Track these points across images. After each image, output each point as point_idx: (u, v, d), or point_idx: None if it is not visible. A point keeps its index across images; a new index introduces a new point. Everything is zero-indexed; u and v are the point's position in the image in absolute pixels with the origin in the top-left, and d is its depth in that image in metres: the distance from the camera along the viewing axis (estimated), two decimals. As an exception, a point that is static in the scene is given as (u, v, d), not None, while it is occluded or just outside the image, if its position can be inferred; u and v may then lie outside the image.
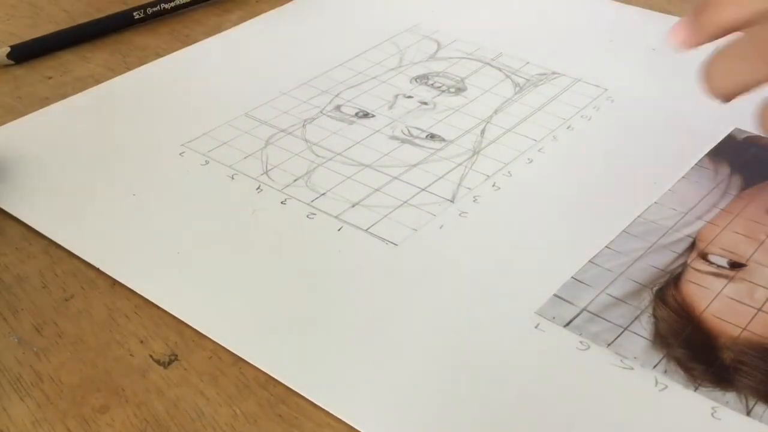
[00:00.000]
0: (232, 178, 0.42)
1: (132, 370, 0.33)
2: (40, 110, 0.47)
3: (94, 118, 0.47)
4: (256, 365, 0.32)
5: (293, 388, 0.31)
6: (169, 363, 0.33)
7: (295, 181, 0.41)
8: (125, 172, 0.42)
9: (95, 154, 0.44)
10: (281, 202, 0.40)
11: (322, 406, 0.31)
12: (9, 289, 0.36)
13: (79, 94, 0.49)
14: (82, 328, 0.34)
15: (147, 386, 0.32)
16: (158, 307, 0.35)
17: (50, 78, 0.51)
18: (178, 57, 0.53)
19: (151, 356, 0.33)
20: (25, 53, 0.53)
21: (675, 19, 0.54)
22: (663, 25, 0.53)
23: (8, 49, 0.51)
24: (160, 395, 0.31)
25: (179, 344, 0.33)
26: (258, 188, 0.41)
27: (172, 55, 0.53)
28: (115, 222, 0.39)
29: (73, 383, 0.32)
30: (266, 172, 0.42)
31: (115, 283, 0.36)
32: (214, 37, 0.55)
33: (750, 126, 0.44)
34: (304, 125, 0.46)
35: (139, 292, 0.35)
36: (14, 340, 0.34)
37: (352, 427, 0.30)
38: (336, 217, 0.39)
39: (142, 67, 0.51)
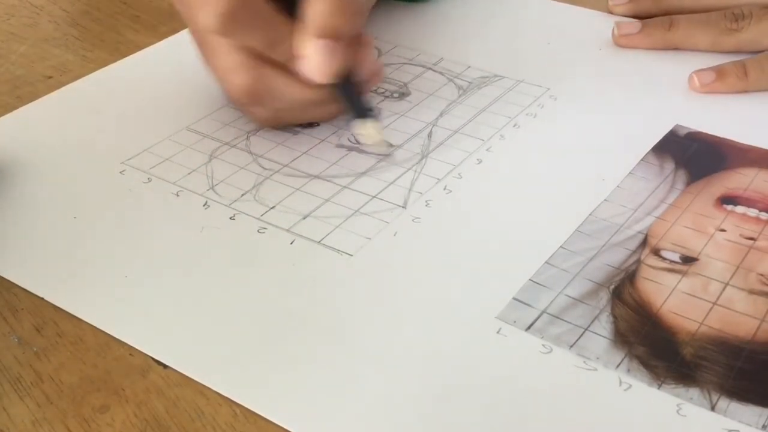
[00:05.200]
0: (177, 195, 0.40)
1: (132, 370, 0.32)
2: (-32, 132, 0.46)
3: (26, 138, 0.45)
4: (214, 389, 0.31)
5: (253, 409, 0.31)
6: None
7: (242, 195, 0.40)
8: (64, 195, 0.41)
9: (29, 177, 0.42)
10: (230, 218, 0.39)
11: (285, 427, 0.30)
12: (9, 289, 0.36)
13: (9, 114, 0.47)
14: (82, 329, 0.34)
15: (147, 386, 0.32)
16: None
17: (50, 78, 0.51)
18: (111, 70, 0.51)
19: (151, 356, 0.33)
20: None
21: (610, 18, 0.55)
22: (601, 24, 0.54)
23: None
24: (160, 395, 0.31)
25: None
26: (205, 204, 0.40)
27: (104, 69, 0.51)
28: (57, 248, 0.38)
29: (73, 383, 0.32)
30: (212, 188, 0.41)
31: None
32: (147, 48, 0.53)
33: (690, 122, 0.45)
34: (248, 137, 0.45)
35: (87, 320, 0.34)
36: (14, 340, 0.34)
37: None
38: (287, 230, 0.38)
39: (72, 84, 0.50)
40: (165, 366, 0.32)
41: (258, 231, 0.38)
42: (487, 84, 0.49)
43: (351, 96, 0.41)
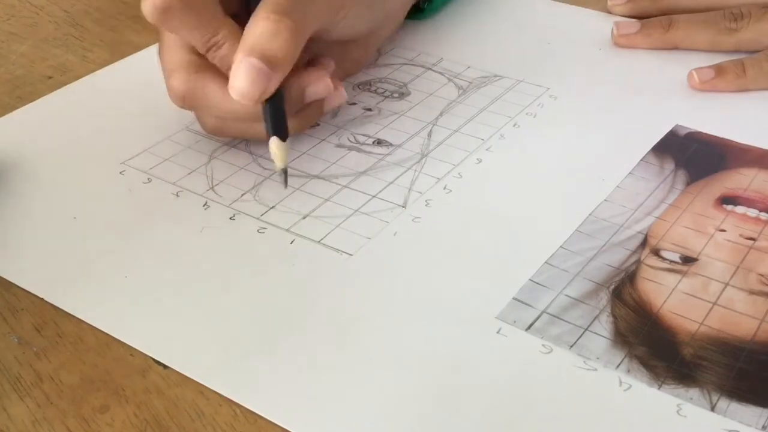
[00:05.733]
0: (177, 196, 0.40)
1: (132, 370, 0.32)
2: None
3: (26, 138, 0.45)
4: (214, 389, 0.31)
5: (253, 409, 0.31)
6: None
7: (242, 195, 0.40)
8: (64, 195, 0.41)
9: (29, 177, 0.42)
10: (230, 218, 0.39)
11: (285, 427, 0.30)
12: (9, 289, 0.36)
13: (9, 115, 0.47)
14: (82, 329, 0.34)
15: (147, 386, 0.32)
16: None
17: (50, 78, 0.51)
18: (111, 71, 0.51)
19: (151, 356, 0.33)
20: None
21: (610, 17, 0.55)
22: (600, 24, 0.54)
23: None
24: (160, 395, 0.31)
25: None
26: (205, 205, 0.40)
27: (104, 69, 0.51)
28: (57, 248, 0.38)
29: (73, 383, 0.32)
30: (212, 188, 0.41)
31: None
32: (147, 48, 0.53)
33: (690, 122, 0.45)
34: (248, 137, 0.45)
35: (87, 321, 0.34)
36: (14, 340, 0.34)
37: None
38: (287, 230, 0.38)
39: (72, 84, 0.50)
40: (165, 366, 0.32)
41: (258, 231, 0.38)
42: (487, 84, 0.49)
43: (271, 112, 0.39)
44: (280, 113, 0.39)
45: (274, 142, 0.38)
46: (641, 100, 0.47)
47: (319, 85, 0.41)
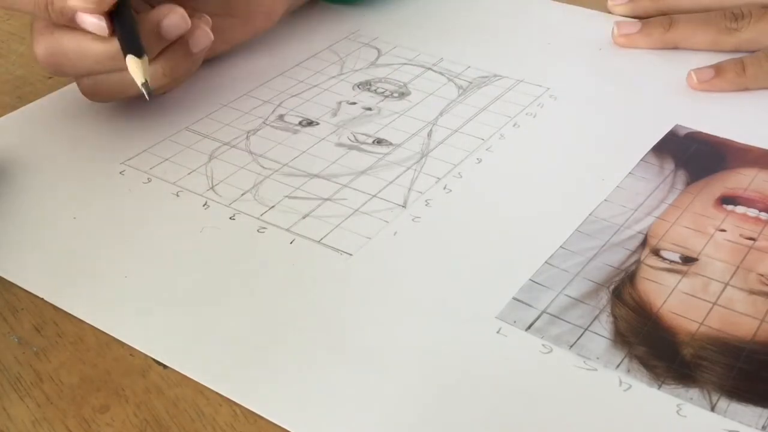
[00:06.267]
0: (177, 196, 0.40)
1: (132, 370, 0.32)
2: (-32, 132, 0.46)
3: (25, 138, 0.45)
4: (214, 389, 0.31)
5: (253, 409, 0.31)
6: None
7: (242, 195, 0.40)
8: (64, 195, 0.41)
9: (29, 177, 0.42)
10: (230, 218, 0.39)
11: (285, 427, 0.30)
12: (9, 289, 0.36)
13: (9, 115, 0.47)
14: (82, 329, 0.34)
15: (147, 386, 0.32)
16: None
17: (50, 78, 0.51)
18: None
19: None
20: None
21: (610, 17, 0.55)
22: (601, 24, 0.54)
23: None
24: (160, 395, 0.31)
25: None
26: (205, 205, 0.40)
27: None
28: (57, 248, 0.38)
29: (73, 383, 0.32)
30: (212, 188, 0.41)
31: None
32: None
33: (690, 122, 0.45)
34: (248, 137, 0.45)
35: (87, 321, 0.34)
36: (14, 340, 0.34)
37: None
38: (287, 230, 0.38)
39: (72, 84, 0.50)
40: (165, 366, 0.32)
41: (258, 231, 0.38)
42: (487, 84, 0.49)
43: (121, 32, 0.40)
44: (130, 31, 0.40)
45: (129, 59, 0.39)
46: (641, 100, 0.47)
47: (172, 17, 0.40)
